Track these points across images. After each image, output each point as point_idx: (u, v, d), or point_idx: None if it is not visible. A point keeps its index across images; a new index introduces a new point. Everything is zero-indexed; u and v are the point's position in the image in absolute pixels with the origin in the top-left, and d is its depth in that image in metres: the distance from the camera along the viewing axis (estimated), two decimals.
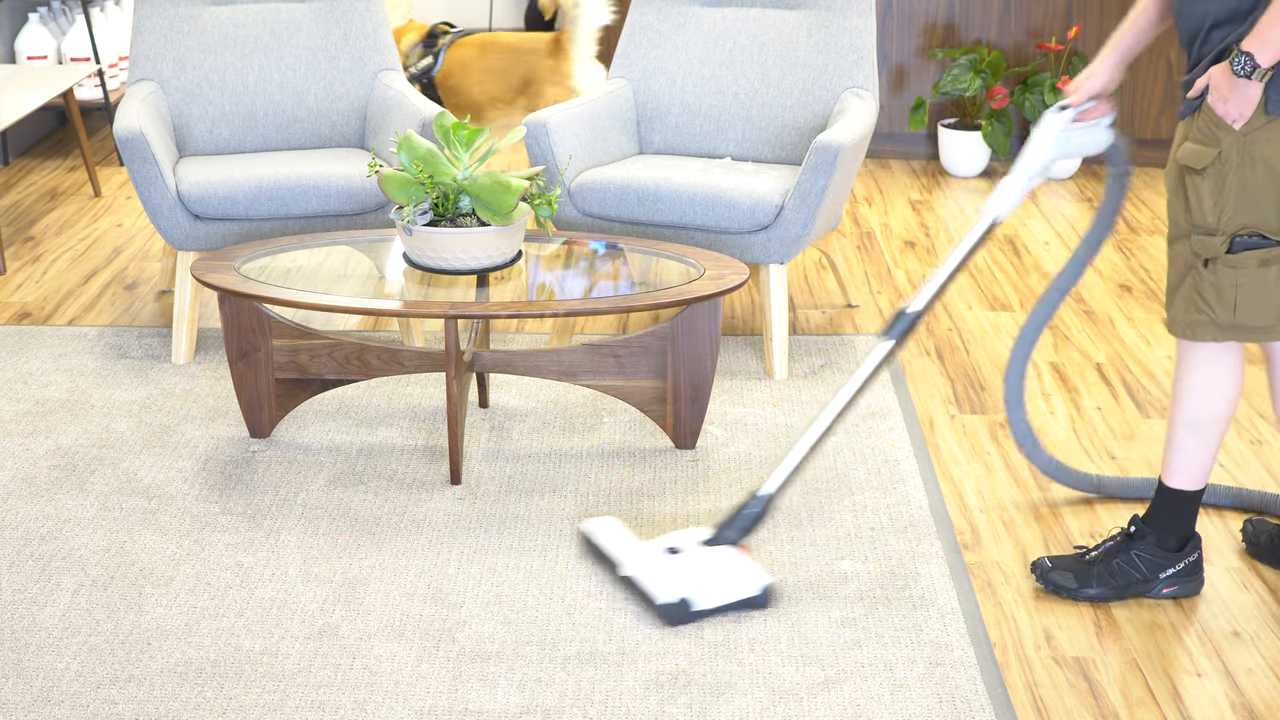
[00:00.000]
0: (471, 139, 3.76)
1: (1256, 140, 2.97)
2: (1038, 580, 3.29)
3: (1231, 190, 3.00)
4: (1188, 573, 3.24)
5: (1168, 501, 3.23)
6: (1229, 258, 3.02)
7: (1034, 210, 5.93)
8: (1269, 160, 2.97)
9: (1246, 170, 2.98)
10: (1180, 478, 3.20)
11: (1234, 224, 3.01)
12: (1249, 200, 2.99)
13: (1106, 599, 3.23)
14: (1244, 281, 3.03)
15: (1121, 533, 3.28)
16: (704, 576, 3.19)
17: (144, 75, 4.76)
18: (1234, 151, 2.99)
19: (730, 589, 3.18)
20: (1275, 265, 3.01)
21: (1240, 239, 3.01)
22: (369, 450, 3.88)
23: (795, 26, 4.76)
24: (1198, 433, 3.15)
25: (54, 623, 3.12)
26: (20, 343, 4.54)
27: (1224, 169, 3.00)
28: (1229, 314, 3.05)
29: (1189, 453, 3.17)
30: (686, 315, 3.76)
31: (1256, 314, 3.04)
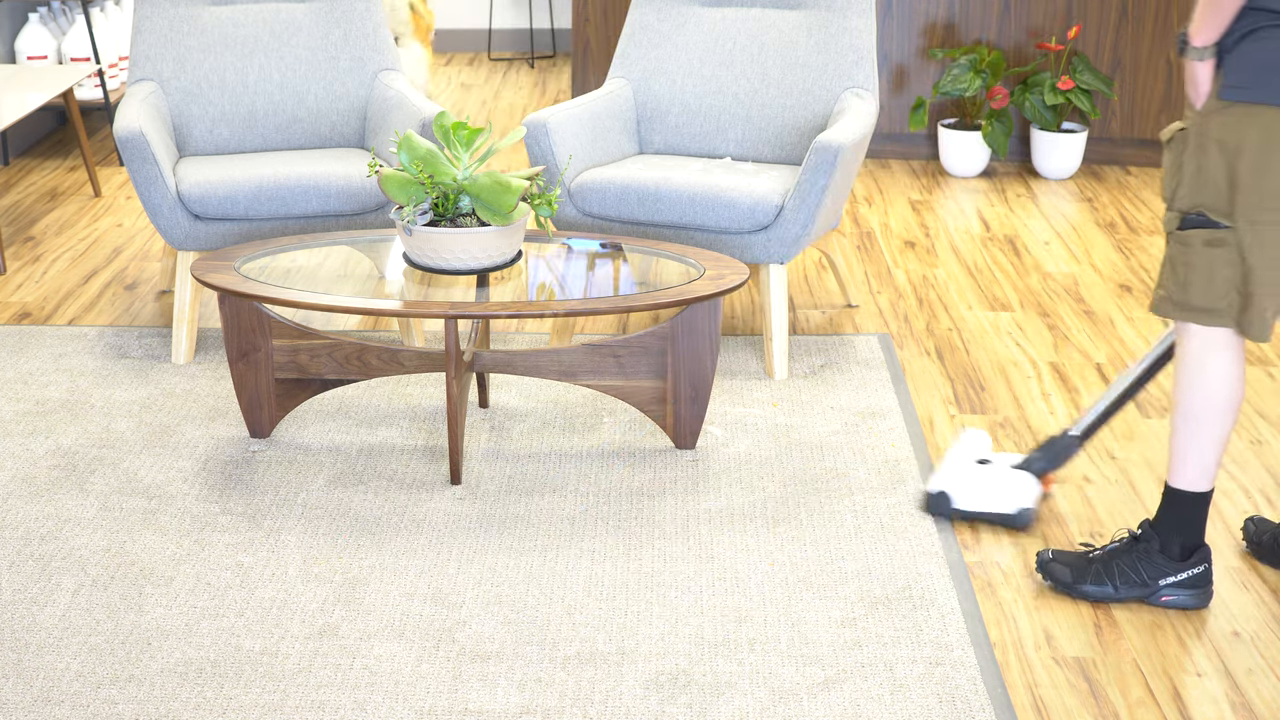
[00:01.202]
0: (471, 139, 3.76)
1: (1211, 123, 3.02)
2: (1037, 570, 3.30)
3: (1187, 168, 3.06)
4: (1191, 584, 3.20)
5: (1171, 504, 3.20)
6: (1179, 234, 3.08)
7: (1034, 210, 5.93)
8: (1221, 142, 3.01)
9: (1200, 151, 3.03)
10: (1182, 476, 3.17)
11: (1186, 201, 3.07)
12: (1201, 180, 3.04)
13: (1103, 599, 3.23)
14: (1193, 260, 3.07)
15: (1129, 535, 3.27)
16: (986, 486, 3.53)
17: (144, 75, 4.76)
18: (1193, 131, 3.05)
19: (996, 502, 3.51)
20: (1221, 249, 3.03)
21: (1190, 217, 3.06)
22: (369, 450, 3.88)
23: (795, 26, 4.76)
24: (1195, 426, 3.13)
25: (54, 623, 3.12)
26: (20, 343, 4.54)
27: (1183, 146, 3.07)
28: (1180, 291, 3.09)
29: (1187, 448, 3.15)
30: (686, 315, 3.76)
31: (1203, 295, 3.06)
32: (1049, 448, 3.62)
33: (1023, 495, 3.52)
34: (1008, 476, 3.56)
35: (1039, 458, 3.61)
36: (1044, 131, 6.35)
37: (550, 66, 8.92)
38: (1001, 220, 5.84)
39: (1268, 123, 2.97)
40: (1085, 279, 5.15)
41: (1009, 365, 4.46)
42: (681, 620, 3.14)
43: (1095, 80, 6.22)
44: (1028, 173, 6.48)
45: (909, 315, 4.84)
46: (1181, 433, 3.14)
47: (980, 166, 6.44)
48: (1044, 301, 4.96)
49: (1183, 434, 3.14)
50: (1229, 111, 2.99)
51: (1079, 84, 6.21)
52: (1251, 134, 2.98)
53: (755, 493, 3.66)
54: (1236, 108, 2.98)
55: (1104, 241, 5.55)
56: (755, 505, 3.60)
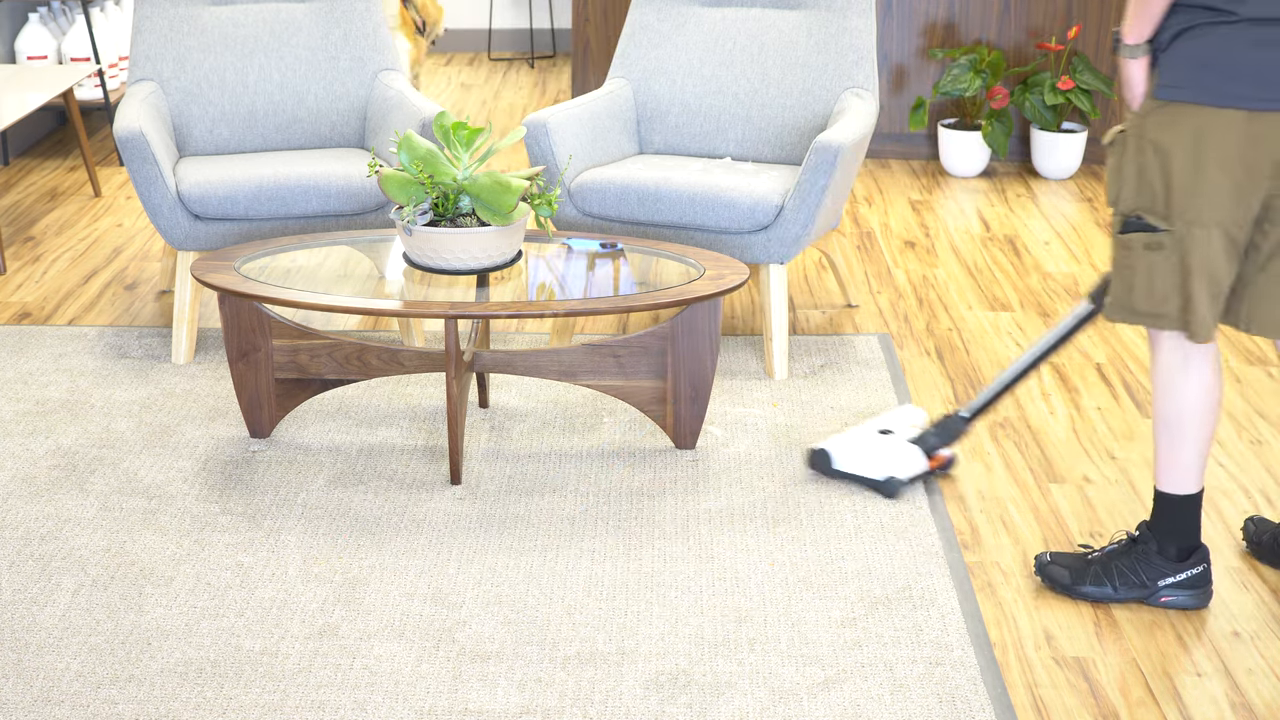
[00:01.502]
0: (471, 139, 3.76)
1: (1148, 123, 3.02)
2: (1036, 572, 3.30)
3: (1127, 170, 3.06)
4: (1189, 585, 3.20)
5: (1163, 508, 3.20)
6: (1120, 238, 3.08)
7: (1034, 210, 5.93)
8: (1157, 143, 3.00)
9: (1138, 152, 3.03)
10: (1166, 480, 3.17)
11: (1127, 204, 3.07)
12: (1141, 182, 3.04)
13: (1102, 599, 3.22)
14: (1134, 264, 3.07)
15: (1127, 537, 3.27)
16: (868, 452, 3.68)
17: (144, 75, 4.76)
18: (1132, 132, 3.05)
19: (870, 468, 3.66)
20: (1159, 252, 3.03)
21: (1130, 220, 3.06)
22: (369, 450, 3.88)
23: (795, 26, 4.76)
24: (1175, 433, 3.13)
25: (54, 623, 3.12)
26: (20, 343, 4.54)
27: (1124, 149, 3.07)
28: (1125, 294, 3.10)
29: (1170, 454, 3.15)
30: (686, 315, 3.76)
31: (1146, 299, 3.07)
32: (941, 426, 3.73)
33: (898, 466, 3.66)
34: (894, 448, 3.68)
35: (931, 434, 3.73)
36: (1044, 131, 6.35)
37: (550, 66, 8.92)
38: (1001, 220, 5.84)
39: (1201, 122, 2.95)
40: (1085, 279, 5.15)
41: (1009, 365, 4.45)
42: (681, 620, 3.14)
43: (1095, 80, 6.22)
44: (1028, 173, 6.48)
45: (909, 315, 4.84)
46: (1163, 440, 3.15)
47: (980, 166, 6.44)
48: (1044, 301, 4.96)
49: (1164, 441, 3.15)
50: (1163, 111, 2.99)
51: (1079, 84, 6.21)
52: (1185, 134, 2.96)
53: (755, 493, 3.66)
54: (1170, 107, 2.97)
55: (1104, 241, 5.55)
56: (755, 505, 3.61)
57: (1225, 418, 4.11)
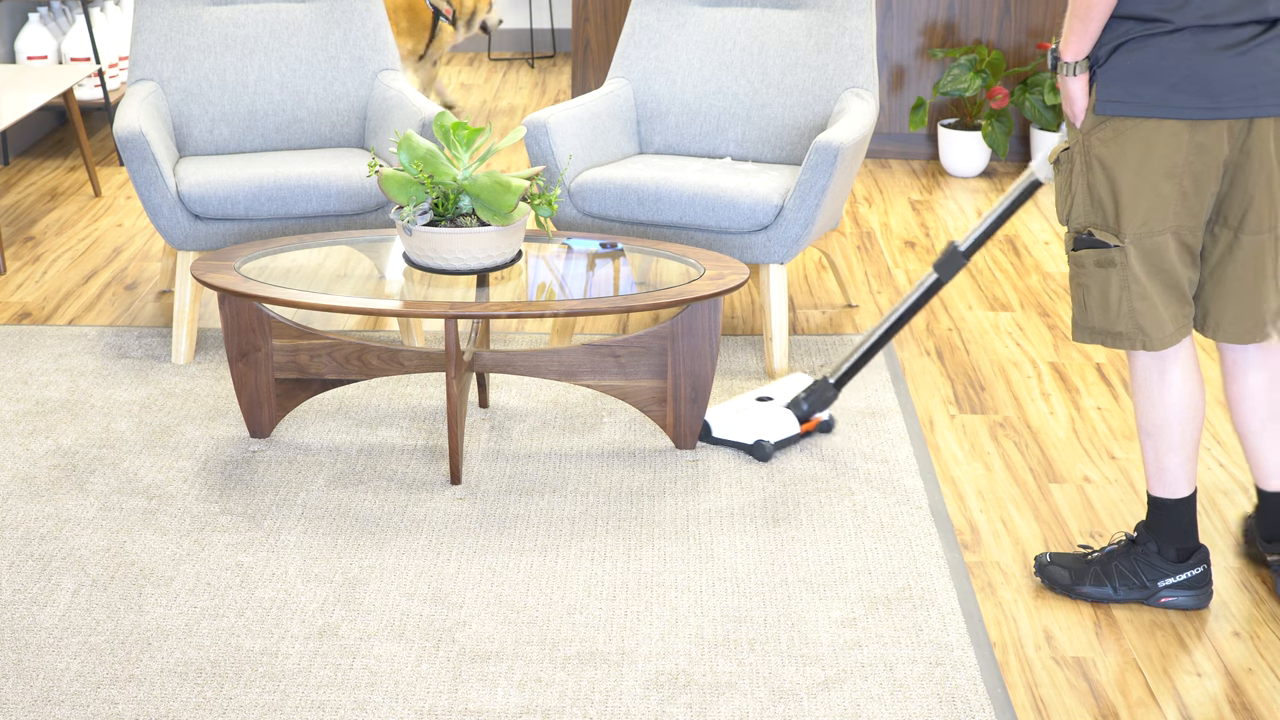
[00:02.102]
0: (471, 139, 3.76)
1: (1092, 140, 3.00)
2: (1036, 573, 3.30)
3: (1076, 187, 3.05)
4: (1190, 585, 3.19)
5: (1157, 512, 3.21)
6: (1073, 255, 3.08)
7: (1034, 210, 5.93)
8: (1102, 159, 2.99)
9: (1085, 169, 3.02)
10: (1157, 486, 3.18)
11: (1078, 221, 3.06)
12: (1089, 198, 3.03)
13: (1102, 600, 3.22)
14: (1086, 281, 3.06)
15: (1126, 538, 3.27)
16: (743, 419, 3.85)
17: (144, 75, 4.76)
18: (1077, 150, 3.04)
19: (743, 433, 3.83)
20: (1113, 269, 3.01)
21: (1080, 237, 3.06)
22: (369, 450, 3.88)
23: (795, 26, 4.76)
24: (1154, 440, 3.13)
25: (54, 623, 3.12)
26: (20, 343, 4.54)
27: (1071, 166, 3.06)
28: (1083, 314, 3.09)
29: (1157, 461, 3.15)
30: (686, 315, 3.76)
31: (1101, 317, 3.06)
32: (812, 392, 3.91)
33: (769, 430, 3.83)
34: (768, 413, 3.86)
35: (803, 400, 3.90)
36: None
37: (550, 66, 8.92)
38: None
39: (1144, 135, 2.93)
40: None
41: (1009, 365, 4.46)
42: (681, 620, 3.14)
43: None
44: None
45: None
46: (1148, 447, 3.15)
47: (980, 166, 6.44)
48: (1044, 301, 4.96)
49: (1150, 448, 3.15)
50: (1106, 126, 2.97)
51: None
52: (1130, 148, 2.94)
53: (755, 493, 3.67)
54: (1113, 122, 2.96)
55: None
56: (755, 505, 3.61)
57: (1225, 418, 4.11)
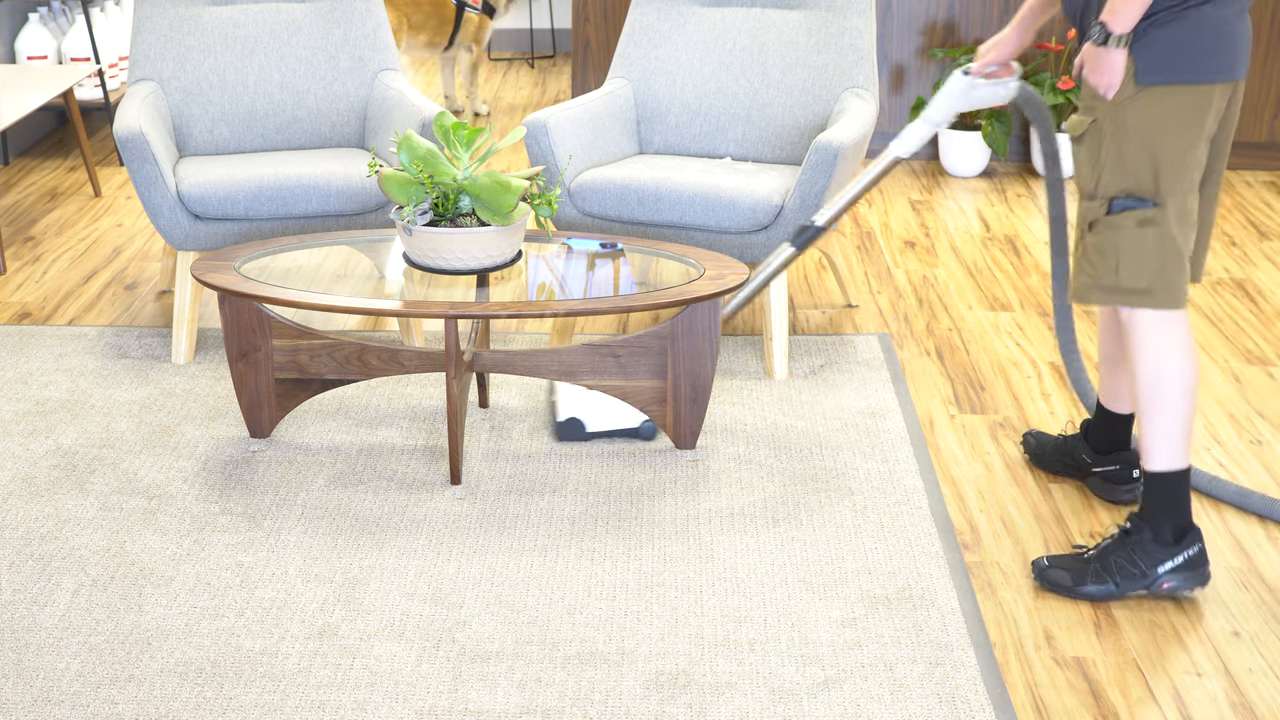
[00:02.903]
0: (471, 139, 3.76)
1: (1127, 109, 3.12)
2: (1036, 579, 3.30)
3: (1108, 157, 3.15)
4: (1188, 566, 3.22)
5: (1154, 488, 3.23)
6: (1109, 219, 3.16)
7: (1034, 210, 5.93)
8: (1140, 128, 3.11)
9: (1120, 138, 3.13)
10: (1157, 458, 3.21)
11: (1111, 188, 3.16)
12: (1124, 166, 3.13)
13: (1106, 597, 3.23)
14: (1124, 242, 3.15)
15: (1119, 530, 3.28)
16: (609, 407, 3.88)
17: (144, 75, 4.76)
18: (1108, 120, 3.15)
19: (622, 419, 3.88)
20: (1152, 226, 3.13)
21: (1118, 201, 3.14)
22: (369, 450, 3.88)
23: (795, 26, 4.76)
24: (1162, 410, 3.18)
25: (54, 623, 3.12)
26: (20, 343, 4.54)
27: (1100, 137, 3.16)
28: (1111, 276, 3.17)
29: (1158, 433, 3.19)
30: (686, 315, 3.76)
31: (1136, 275, 3.15)
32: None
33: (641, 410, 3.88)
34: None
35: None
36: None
37: (550, 66, 8.92)
38: (1001, 220, 5.85)
39: (1184, 100, 3.09)
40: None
41: (1009, 365, 4.46)
42: (681, 620, 3.14)
43: None
44: (1028, 173, 6.48)
45: (909, 315, 4.84)
46: (1154, 421, 3.20)
47: (980, 166, 6.44)
48: (1044, 301, 4.96)
49: (1155, 422, 3.19)
50: (1144, 95, 3.10)
51: (1079, 84, 6.20)
52: (1170, 113, 3.09)
53: (755, 493, 3.66)
54: (1152, 90, 3.09)
55: None
56: (755, 505, 3.61)
57: (1225, 418, 4.11)
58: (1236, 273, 5.24)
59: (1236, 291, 5.07)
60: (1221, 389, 4.30)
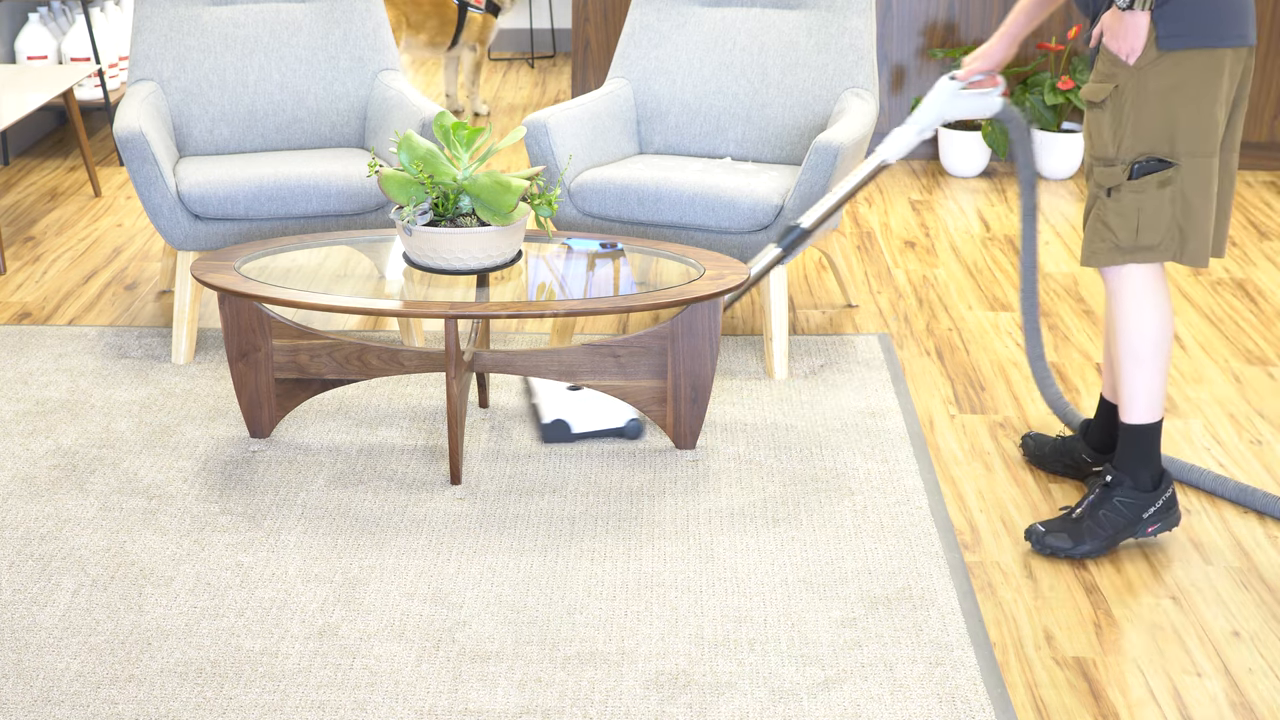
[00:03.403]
0: (471, 139, 3.76)
1: (1149, 74, 3.20)
2: (1034, 547, 3.40)
3: (1128, 122, 3.23)
4: (1166, 508, 3.40)
5: (1132, 440, 3.38)
6: (1131, 183, 3.25)
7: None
8: (1161, 91, 3.19)
9: (1142, 103, 3.21)
10: (1136, 412, 3.36)
11: (1132, 153, 3.24)
12: (1144, 130, 3.22)
13: (1101, 551, 3.36)
14: (1145, 204, 3.25)
15: (1100, 484, 3.40)
16: (593, 408, 3.88)
17: (144, 75, 4.76)
18: (1129, 86, 3.22)
19: (607, 419, 3.88)
20: (1171, 185, 3.23)
21: (1139, 164, 3.23)
22: (369, 450, 3.88)
23: (795, 26, 4.76)
24: (1141, 364, 3.32)
25: (54, 623, 3.12)
26: (20, 343, 4.54)
27: (1121, 102, 3.23)
28: (1131, 236, 3.27)
29: (1136, 386, 3.33)
30: (686, 315, 3.76)
31: (1153, 233, 3.26)
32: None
33: (626, 409, 3.91)
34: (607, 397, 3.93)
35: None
36: (1044, 131, 6.35)
37: (550, 66, 8.92)
38: (1001, 220, 5.84)
39: (1204, 63, 3.17)
40: (1085, 279, 5.15)
41: (1009, 365, 4.46)
42: (681, 620, 3.14)
43: None
44: None
45: (909, 315, 4.84)
46: (1134, 373, 3.33)
47: (980, 166, 6.44)
48: (1044, 301, 4.96)
49: (1135, 374, 3.33)
50: (1165, 59, 3.18)
51: (1079, 84, 6.21)
52: (1189, 76, 3.17)
53: (755, 493, 3.67)
54: (1173, 55, 3.17)
55: None
56: (755, 505, 3.61)
57: (1225, 417, 4.11)
58: (1236, 273, 5.24)
59: (1236, 291, 5.07)
60: (1221, 389, 4.30)
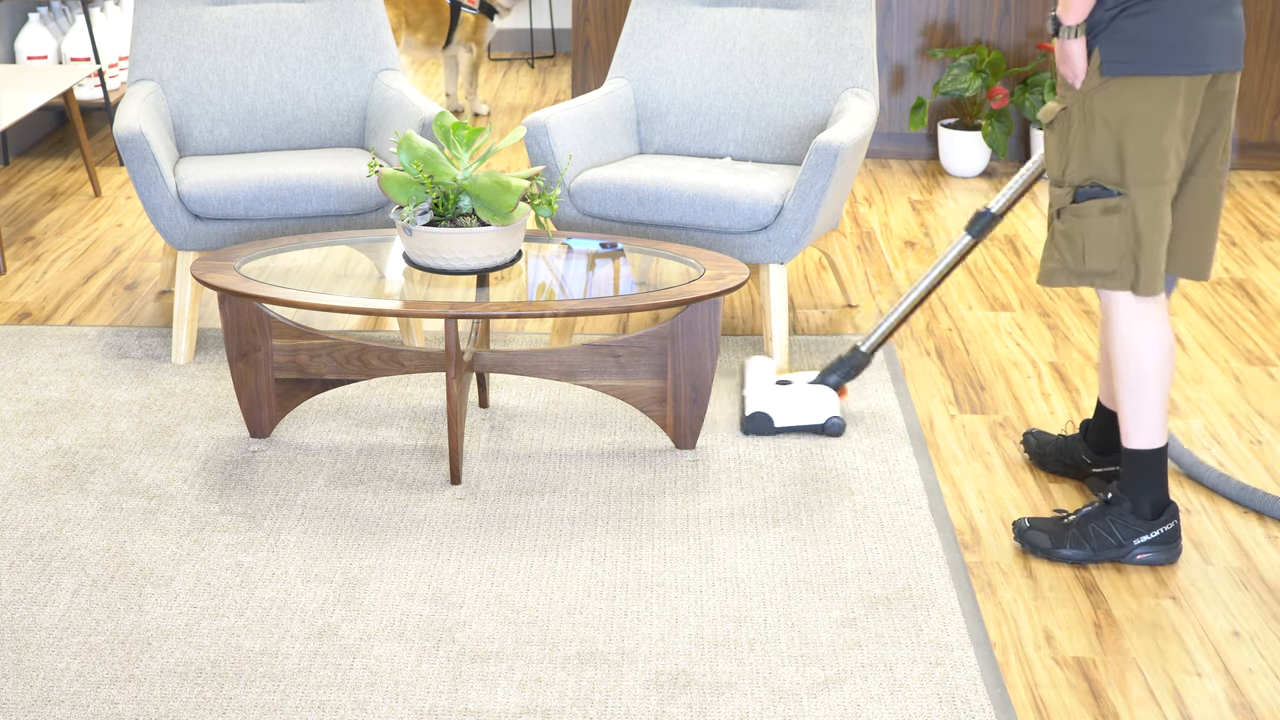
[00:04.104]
0: (471, 139, 3.76)
1: (1094, 99, 3.19)
2: (1015, 539, 3.41)
3: (1074, 145, 3.23)
4: (1163, 541, 3.34)
5: (1133, 465, 3.34)
6: (1074, 207, 3.24)
7: (1034, 210, 5.93)
8: (1105, 117, 3.18)
9: (1087, 127, 3.20)
10: (1135, 438, 3.32)
11: (1078, 176, 3.24)
12: (1089, 155, 3.21)
13: (1081, 561, 3.34)
14: (1090, 229, 3.23)
15: (1100, 499, 3.38)
16: (796, 403, 3.93)
17: (144, 75, 4.76)
18: (1076, 109, 3.22)
19: (808, 415, 3.92)
20: (1116, 214, 3.20)
21: (1083, 190, 3.22)
22: (369, 450, 3.88)
23: (795, 26, 4.76)
24: (1139, 391, 3.28)
25: (54, 623, 3.12)
26: (20, 343, 4.54)
27: (1068, 125, 3.24)
28: (1079, 260, 3.25)
29: (1136, 413, 3.29)
30: (686, 315, 3.76)
31: (1102, 260, 3.23)
32: (843, 363, 4.03)
33: (828, 407, 3.94)
34: (812, 392, 3.97)
35: (834, 370, 4.03)
36: (1044, 131, 6.34)
37: (550, 66, 8.92)
38: (1001, 220, 5.83)
39: (1149, 91, 3.15)
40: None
41: (1009, 365, 4.46)
42: (681, 620, 3.14)
43: None
44: None
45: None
46: (1128, 400, 3.29)
47: (980, 166, 6.44)
48: (1044, 301, 4.96)
49: (1129, 401, 3.29)
50: (1110, 85, 3.17)
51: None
52: (1135, 103, 3.15)
53: (755, 493, 3.67)
54: (1117, 81, 3.16)
55: None
56: (755, 505, 3.61)
57: (1225, 418, 4.11)
58: (1236, 273, 5.24)
59: (1236, 291, 5.07)
60: (1221, 389, 4.30)
